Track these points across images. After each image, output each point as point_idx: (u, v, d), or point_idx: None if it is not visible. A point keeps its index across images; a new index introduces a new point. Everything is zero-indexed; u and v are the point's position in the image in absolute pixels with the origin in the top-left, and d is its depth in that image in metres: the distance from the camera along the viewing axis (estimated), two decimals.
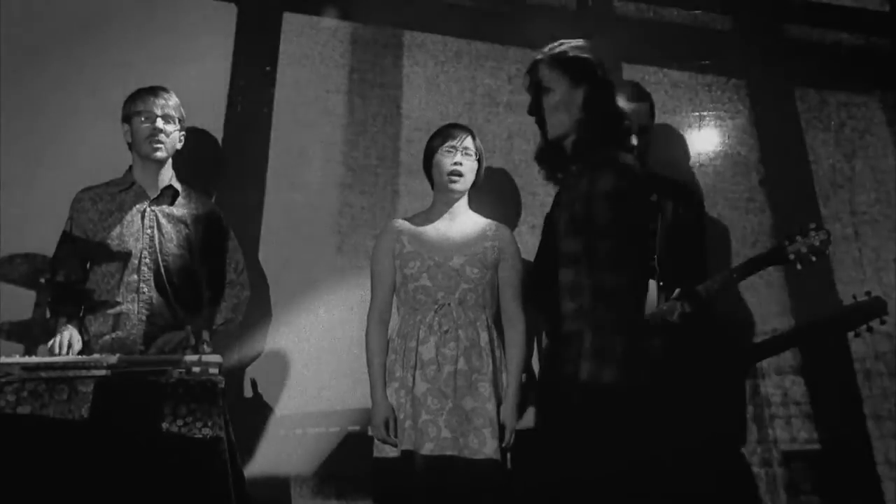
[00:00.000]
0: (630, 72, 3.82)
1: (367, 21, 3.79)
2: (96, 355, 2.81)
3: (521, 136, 3.80)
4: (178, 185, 3.32)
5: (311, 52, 3.83)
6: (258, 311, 3.58)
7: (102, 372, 2.71)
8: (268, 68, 3.80)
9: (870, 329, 3.31)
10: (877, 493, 3.56)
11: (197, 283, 3.31)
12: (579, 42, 2.64)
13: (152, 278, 3.20)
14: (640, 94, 3.15)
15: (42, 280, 3.45)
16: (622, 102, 3.09)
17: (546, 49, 2.61)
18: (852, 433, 3.61)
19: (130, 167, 3.32)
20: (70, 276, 3.24)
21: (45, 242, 3.44)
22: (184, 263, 3.25)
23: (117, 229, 3.23)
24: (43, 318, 3.45)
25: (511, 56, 3.86)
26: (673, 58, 3.81)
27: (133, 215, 3.24)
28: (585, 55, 2.60)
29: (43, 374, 2.69)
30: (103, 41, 3.68)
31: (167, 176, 3.31)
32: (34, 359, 2.82)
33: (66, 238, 3.26)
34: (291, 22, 3.85)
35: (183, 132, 3.33)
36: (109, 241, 3.21)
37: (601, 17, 3.92)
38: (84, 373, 2.70)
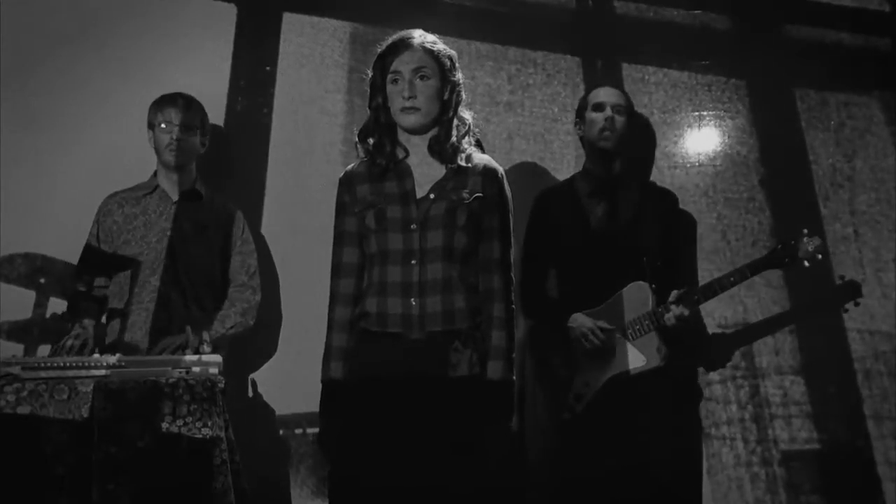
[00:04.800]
0: (630, 72, 3.82)
1: (367, 21, 3.79)
2: (96, 355, 2.81)
3: (521, 136, 3.80)
4: (201, 189, 3.33)
5: (311, 52, 3.82)
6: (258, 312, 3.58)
7: (102, 372, 2.71)
8: (268, 68, 3.80)
9: (845, 310, 3.36)
10: (877, 493, 3.57)
11: (216, 285, 3.32)
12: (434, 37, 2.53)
13: (172, 280, 3.21)
14: (617, 88, 3.23)
15: (42, 280, 3.46)
16: (598, 90, 3.17)
17: (417, 35, 2.47)
18: (852, 433, 3.62)
19: (155, 172, 3.35)
20: (93, 284, 3.25)
21: (45, 242, 3.45)
22: (203, 266, 3.27)
23: (140, 232, 3.26)
24: (43, 318, 3.45)
25: (511, 56, 3.86)
26: (673, 58, 3.80)
27: (156, 218, 3.27)
28: (451, 53, 2.52)
29: (43, 374, 2.69)
30: (103, 42, 3.68)
31: (190, 180, 3.33)
32: (34, 358, 2.82)
33: (91, 245, 3.29)
34: (291, 22, 3.85)
35: (206, 136, 3.35)
36: (132, 244, 3.25)
37: (601, 17, 3.92)
38: (84, 373, 2.70)
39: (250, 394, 3.57)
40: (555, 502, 3.26)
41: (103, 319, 3.25)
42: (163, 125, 3.26)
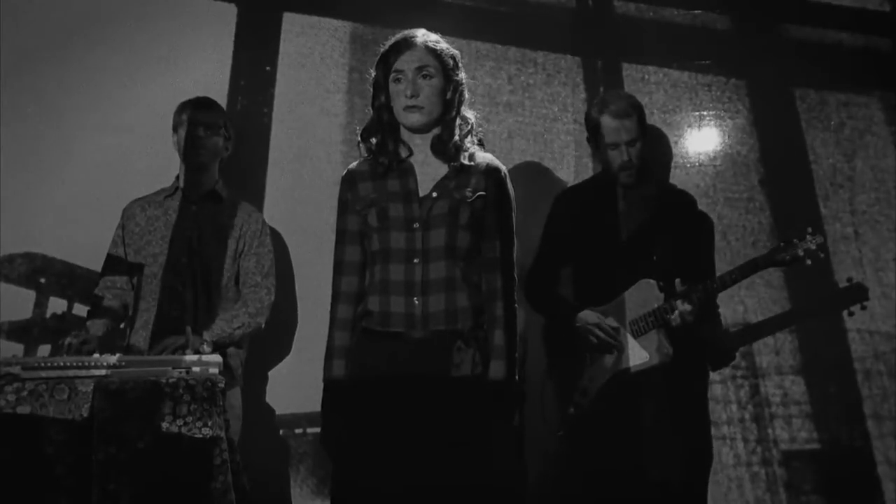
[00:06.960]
0: (630, 72, 3.82)
1: (368, 21, 3.80)
2: (96, 355, 2.81)
3: (521, 136, 3.80)
4: (221, 192, 3.33)
5: (311, 52, 3.83)
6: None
7: (102, 372, 2.71)
8: (268, 68, 3.81)
9: (851, 314, 3.33)
10: (877, 493, 3.57)
11: (229, 286, 3.31)
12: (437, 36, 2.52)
13: (191, 280, 3.22)
14: (625, 110, 3.16)
15: (42, 280, 3.46)
16: (607, 120, 3.14)
17: (420, 35, 2.47)
18: (852, 433, 3.62)
19: (178, 175, 3.35)
20: (115, 287, 3.26)
21: (45, 242, 3.45)
22: (221, 267, 3.27)
23: (161, 232, 3.27)
24: (43, 318, 3.45)
25: (511, 56, 3.86)
26: (673, 58, 3.81)
27: (176, 219, 3.27)
28: (454, 52, 2.51)
29: (43, 374, 2.69)
30: (103, 42, 3.68)
31: (211, 181, 3.33)
32: (34, 358, 2.81)
33: (116, 249, 3.29)
34: (291, 22, 3.85)
35: (230, 140, 3.36)
36: (153, 244, 3.25)
37: (601, 17, 3.92)
38: (84, 373, 2.70)
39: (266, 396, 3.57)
40: (562, 497, 3.27)
41: (122, 325, 3.27)
42: (182, 124, 3.27)
